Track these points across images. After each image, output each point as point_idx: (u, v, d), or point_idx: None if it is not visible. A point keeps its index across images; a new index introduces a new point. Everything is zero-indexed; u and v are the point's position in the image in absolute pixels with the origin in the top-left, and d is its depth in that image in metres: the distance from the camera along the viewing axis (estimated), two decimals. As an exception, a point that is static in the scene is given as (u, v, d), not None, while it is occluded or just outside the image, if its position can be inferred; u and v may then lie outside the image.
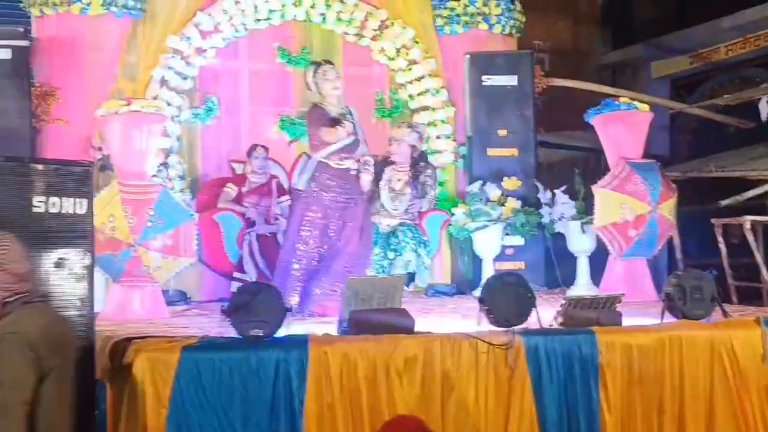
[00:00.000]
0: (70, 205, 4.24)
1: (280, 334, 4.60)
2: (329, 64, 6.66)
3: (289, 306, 4.68)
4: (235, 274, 7.50)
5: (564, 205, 7.78)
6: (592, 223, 7.32)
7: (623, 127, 7.44)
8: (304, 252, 6.37)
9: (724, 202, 8.36)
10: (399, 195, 8.02)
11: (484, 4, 8.98)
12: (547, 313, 5.21)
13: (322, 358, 4.48)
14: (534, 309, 4.98)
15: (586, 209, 7.61)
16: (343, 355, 4.52)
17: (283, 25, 8.61)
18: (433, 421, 4.60)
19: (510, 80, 8.60)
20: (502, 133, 8.59)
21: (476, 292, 6.21)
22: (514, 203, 8.06)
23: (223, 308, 4.57)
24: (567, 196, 7.80)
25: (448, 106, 8.89)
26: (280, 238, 7.67)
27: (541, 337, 4.83)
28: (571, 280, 7.78)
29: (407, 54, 8.84)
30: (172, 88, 8.09)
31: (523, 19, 9.25)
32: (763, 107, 8.47)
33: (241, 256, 7.51)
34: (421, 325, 5.05)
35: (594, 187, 7.25)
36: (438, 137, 8.85)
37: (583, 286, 7.54)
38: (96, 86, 7.79)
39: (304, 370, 4.44)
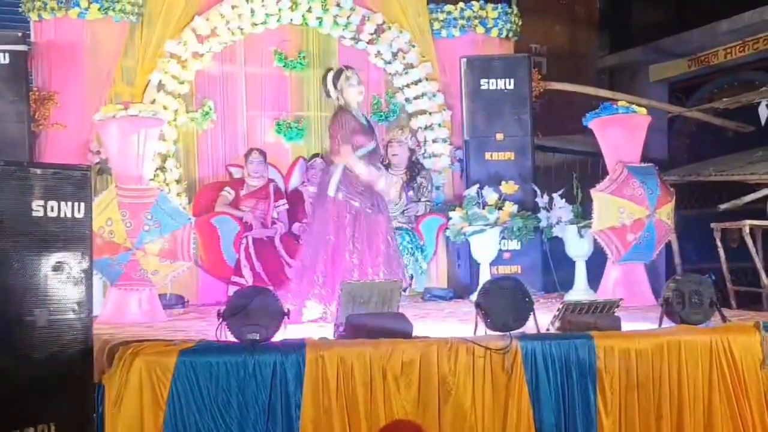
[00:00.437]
0: (69, 209, 4.27)
1: (276, 338, 4.62)
2: (351, 69, 6.63)
3: (287, 310, 4.68)
4: (233, 278, 7.52)
5: (561, 209, 7.80)
6: (590, 227, 7.33)
7: (621, 130, 7.45)
8: (327, 257, 6.27)
9: (723, 206, 8.35)
10: (395, 199, 8.05)
11: (481, 8, 9.00)
12: (544, 318, 5.22)
13: (319, 363, 4.50)
14: (531, 313, 5.00)
15: (583, 213, 7.63)
16: (340, 360, 4.53)
17: (279, 29, 8.64)
18: (430, 426, 4.63)
19: (507, 84, 8.63)
20: (500, 136, 8.61)
21: (473, 297, 6.22)
22: (511, 207, 8.06)
23: (221, 312, 4.59)
24: (564, 200, 7.82)
25: (444, 109, 8.92)
26: (278, 241, 7.69)
27: (539, 342, 4.84)
28: (568, 285, 7.79)
29: (404, 58, 8.87)
30: (169, 93, 8.12)
31: (520, 23, 9.27)
32: (763, 111, 8.45)
33: (239, 260, 7.53)
34: (418, 329, 5.07)
35: (592, 191, 7.26)
36: (435, 141, 8.89)
37: (580, 291, 7.56)
38: (94, 91, 7.82)
39: (301, 375, 4.47)
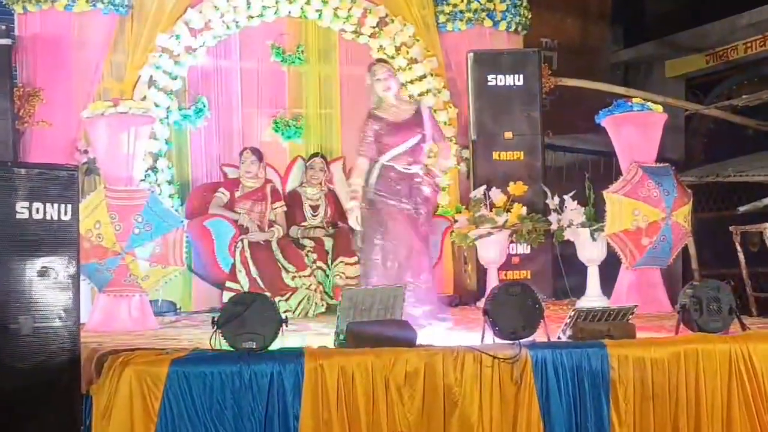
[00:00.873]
0: (55, 211, 4.29)
1: (274, 346, 4.62)
2: (381, 62, 6.61)
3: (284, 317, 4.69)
4: (227, 284, 7.51)
5: (573, 211, 7.78)
6: (603, 230, 7.33)
7: (636, 129, 7.45)
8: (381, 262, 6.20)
9: (743, 209, 8.38)
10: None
11: (489, 0, 9.01)
12: (555, 326, 5.24)
13: (319, 372, 4.50)
14: (541, 321, 5.01)
15: (596, 216, 7.62)
16: (341, 369, 4.53)
17: (276, 22, 8.64)
18: (435, 439, 4.64)
19: (516, 80, 8.64)
20: (508, 135, 8.62)
21: (480, 303, 6.23)
22: (520, 209, 8.07)
23: (215, 319, 4.60)
24: (576, 201, 7.81)
25: (450, 107, 8.93)
26: (275, 245, 7.69)
27: (549, 351, 4.84)
28: (580, 291, 7.78)
29: (407, 52, 8.87)
30: (160, 89, 8.13)
31: (530, 16, 9.27)
32: (784, 108, 8.49)
33: (234, 265, 7.53)
34: (423, 337, 5.08)
35: (605, 193, 7.26)
36: (440, 140, 8.90)
37: (593, 297, 7.54)
38: (81, 87, 7.83)
39: (299, 385, 4.47)
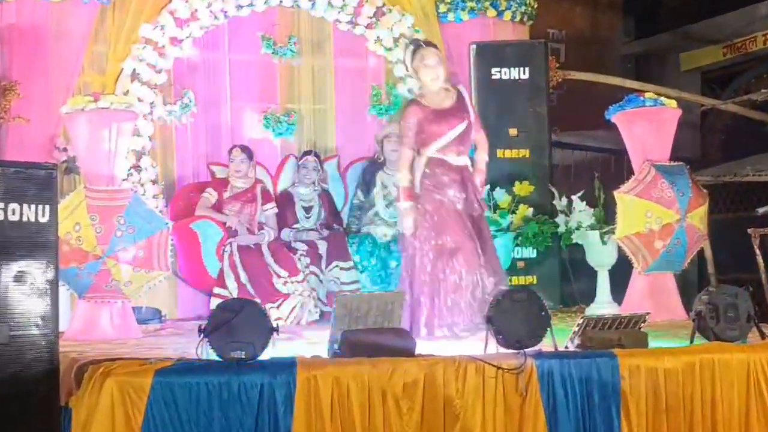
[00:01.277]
0: (32, 213, 4.28)
1: (264, 356, 4.62)
2: (431, 46, 6.54)
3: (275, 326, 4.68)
4: (215, 290, 7.51)
5: (582, 212, 7.79)
6: (614, 233, 7.33)
7: (648, 125, 7.45)
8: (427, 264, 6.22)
9: (762, 210, 8.37)
10: (396, 202, 8.03)
11: (492, -11, 9.03)
12: (562, 334, 5.24)
13: (312, 384, 4.49)
14: (548, 329, 5.01)
15: (606, 218, 7.63)
16: (335, 380, 4.53)
17: (267, 11, 8.63)
18: (435, 454, 4.63)
19: (521, 73, 8.64)
20: (513, 132, 8.63)
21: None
22: (525, 211, 8.07)
23: (202, 327, 4.59)
24: (585, 202, 7.82)
25: (452, 102, 8.93)
26: (265, 249, 7.69)
27: (556, 361, 4.84)
28: (589, 297, 7.80)
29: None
30: (144, 83, 8.12)
31: (536, 5, 9.29)
32: (806, 103, 8.50)
33: (222, 270, 7.53)
34: (423, 346, 5.08)
35: (615, 193, 7.26)
36: (441, 137, 8.89)
37: (603, 304, 7.56)
38: (60, 80, 7.80)
39: (292, 396, 4.46)
